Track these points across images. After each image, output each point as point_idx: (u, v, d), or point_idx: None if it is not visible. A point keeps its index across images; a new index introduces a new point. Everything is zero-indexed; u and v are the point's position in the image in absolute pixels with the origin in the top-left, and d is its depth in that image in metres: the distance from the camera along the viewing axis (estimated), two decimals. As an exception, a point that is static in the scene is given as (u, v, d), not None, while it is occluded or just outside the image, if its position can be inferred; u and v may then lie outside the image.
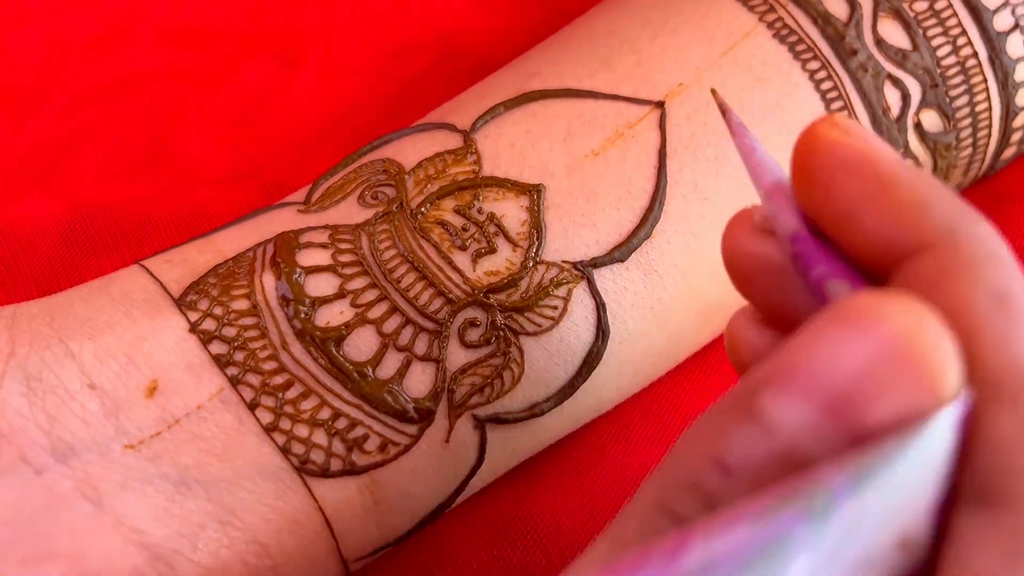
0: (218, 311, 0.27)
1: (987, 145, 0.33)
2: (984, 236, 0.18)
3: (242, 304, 0.27)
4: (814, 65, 0.31)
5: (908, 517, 0.16)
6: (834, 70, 0.31)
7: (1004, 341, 0.17)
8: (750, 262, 0.22)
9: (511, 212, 0.29)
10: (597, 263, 0.29)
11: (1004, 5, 0.32)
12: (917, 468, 0.16)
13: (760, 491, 0.16)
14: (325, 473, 0.27)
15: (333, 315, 0.27)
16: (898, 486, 0.16)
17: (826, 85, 0.31)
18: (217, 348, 0.27)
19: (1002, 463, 0.16)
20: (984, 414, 0.17)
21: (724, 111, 0.23)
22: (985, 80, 0.32)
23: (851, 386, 0.16)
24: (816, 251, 0.19)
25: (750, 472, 0.17)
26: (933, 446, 0.16)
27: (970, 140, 0.33)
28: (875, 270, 0.19)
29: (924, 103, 0.32)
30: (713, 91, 0.24)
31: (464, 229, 0.29)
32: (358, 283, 0.28)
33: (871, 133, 0.20)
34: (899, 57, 0.31)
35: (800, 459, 0.16)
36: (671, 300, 0.30)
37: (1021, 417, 0.17)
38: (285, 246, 0.28)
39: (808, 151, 0.20)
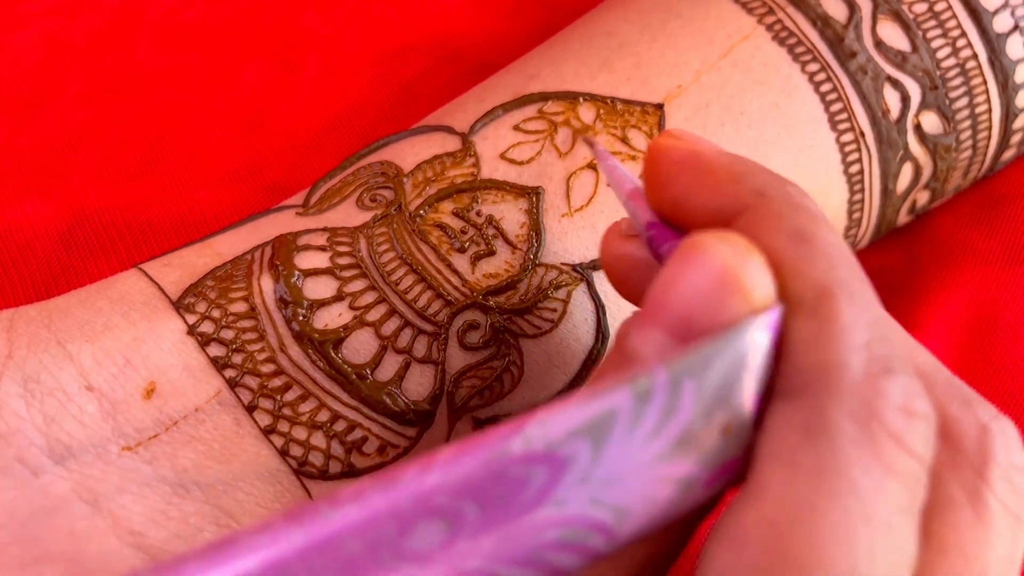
0: (216, 313, 0.27)
1: (987, 147, 0.33)
2: (790, 192, 0.21)
3: (240, 306, 0.27)
4: (813, 67, 0.31)
5: (729, 407, 0.19)
6: (833, 72, 0.31)
7: (803, 267, 0.20)
8: (622, 263, 0.25)
9: (510, 215, 0.29)
10: (596, 265, 0.29)
11: (1004, 7, 0.32)
12: (732, 365, 0.19)
13: (597, 381, 0.20)
14: (324, 475, 0.26)
15: (331, 317, 0.27)
16: (715, 378, 0.19)
17: (825, 87, 0.31)
18: (215, 350, 0.27)
19: (801, 360, 0.20)
20: (789, 325, 0.20)
21: (590, 143, 0.27)
22: (985, 82, 0.32)
23: (688, 308, 0.20)
24: (665, 232, 0.23)
25: None
26: (745, 347, 0.19)
27: (970, 142, 0.33)
28: None
29: (924, 105, 0.32)
30: (583, 137, 0.29)
31: (463, 232, 0.29)
32: (356, 285, 0.28)
33: (699, 136, 0.23)
34: (898, 59, 0.31)
35: None
36: (670, 302, 0.30)
37: (816, 323, 0.20)
38: (283, 248, 0.28)
39: (650, 158, 0.23)
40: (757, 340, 0.19)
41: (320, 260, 0.28)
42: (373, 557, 0.17)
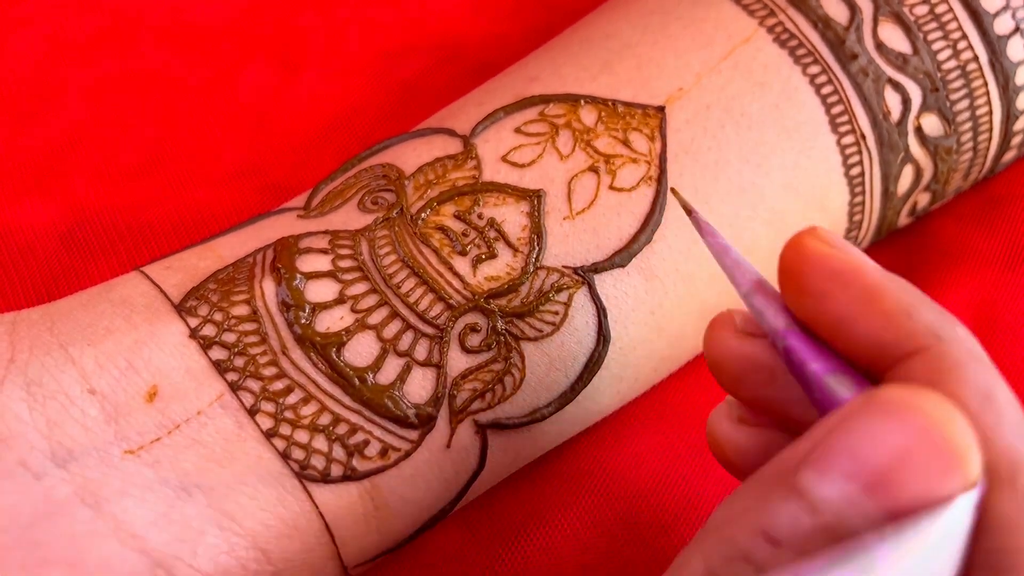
0: (218, 317, 0.27)
1: (988, 149, 0.33)
2: (964, 338, 0.20)
3: (242, 310, 0.27)
4: (814, 69, 0.31)
5: None
6: (834, 74, 0.31)
7: (994, 433, 0.19)
8: (739, 364, 0.24)
9: (511, 217, 0.29)
10: (598, 268, 0.29)
11: (1004, 9, 0.32)
12: (943, 541, 0.18)
13: (809, 556, 0.18)
14: (326, 479, 0.26)
15: (333, 320, 0.27)
16: (927, 556, 0.18)
17: (826, 89, 0.31)
18: (217, 354, 0.27)
19: (1004, 541, 0.18)
20: (987, 498, 0.19)
21: (689, 211, 0.25)
22: (986, 84, 0.32)
23: (889, 466, 0.18)
24: (809, 347, 0.21)
25: (797, 543, 0.19)
26: (957, 522, 0.18)
27: (971, 144, 0.33)
28: (867, 369, 0.21)
29: (925, 107, 0.32)
30: (673, 189, 0.27)
31: (464, 234, 0.29)
32: (358, 288, 0.28)
33: (853, 246, 0.22)
34: (899, 61, 0.31)
35: (841, 531, 0.18)
36: (672, 305, 0.30)
37: (1017, 500, 0.19)
38: (285, 251, 0.28)
39: (797, 260, 0.22)
40: (967, 516, 0.18)
41: (322, 263, 0.28)
42: None
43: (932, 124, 0.32)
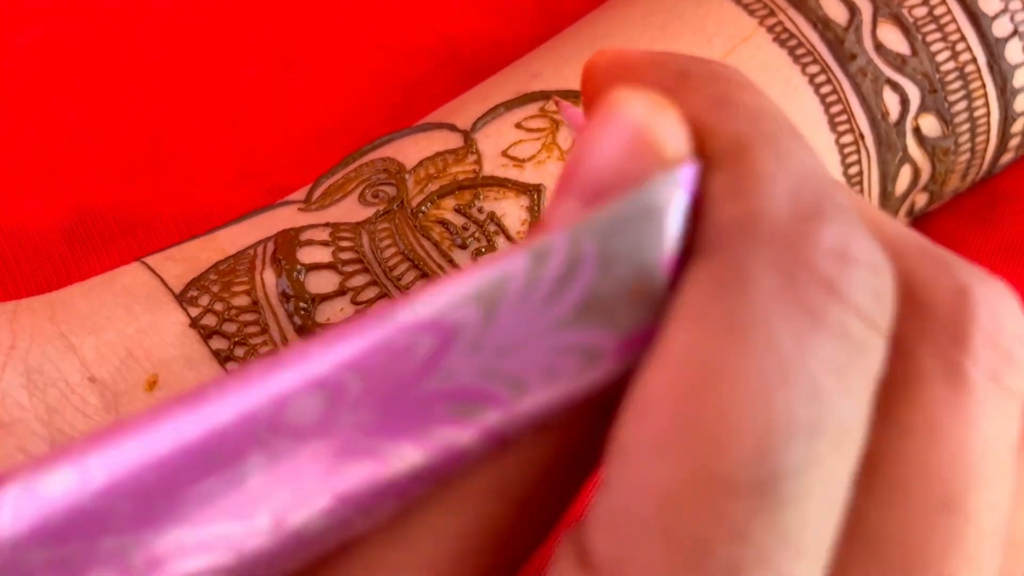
0: (219, 307, 0.27)
1: (985, 150, 0.33)
2: (714, 68, 0.20)
3: (243, 300, 0.27)
4: (813, 69, 0.31)
5: (637, 270, 0.18)
6: (833, 74, 0.31)
7: (721, 126, 0.18)
8: None
9: (512, 212, 0.29)
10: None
11: (1003, 11, 0.32)
12: (639, 225, 0.18)
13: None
14: (324, 469, 0.27)
15: (334, 312, 0.27)
16: (620, 240, 0.18)
17: (825, 89, 0.31)
18: (218, 343, 0.27)
19: (717, 216, 0.18)
20: (705, 182, 0.18)
21: (556, 102, 0.27)
22: (984, 86, 0.32)
23: (600, 171, 0.18)
24: None
25: None
26: (653, 205, 0.18)
27: (968, 145, 0.33)
28: None
29: (923, 108, 0.32)
30: (555, 100, 0.29)
31: (464, 228, 0.29)
32: (359, 280, 0.28)
33: (628, 48, 0.22)
34: (898, 62, 0.32)
35: None
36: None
37: (728, 177, 0.18)
38: (286, 243, 0.28)
39: (583, 78, 0.22)
40: (666, 197, 0.18)
41: (323, 255, 0.28)
42: (248, 433, 0.17)
43: (930, 125, 0.32)
